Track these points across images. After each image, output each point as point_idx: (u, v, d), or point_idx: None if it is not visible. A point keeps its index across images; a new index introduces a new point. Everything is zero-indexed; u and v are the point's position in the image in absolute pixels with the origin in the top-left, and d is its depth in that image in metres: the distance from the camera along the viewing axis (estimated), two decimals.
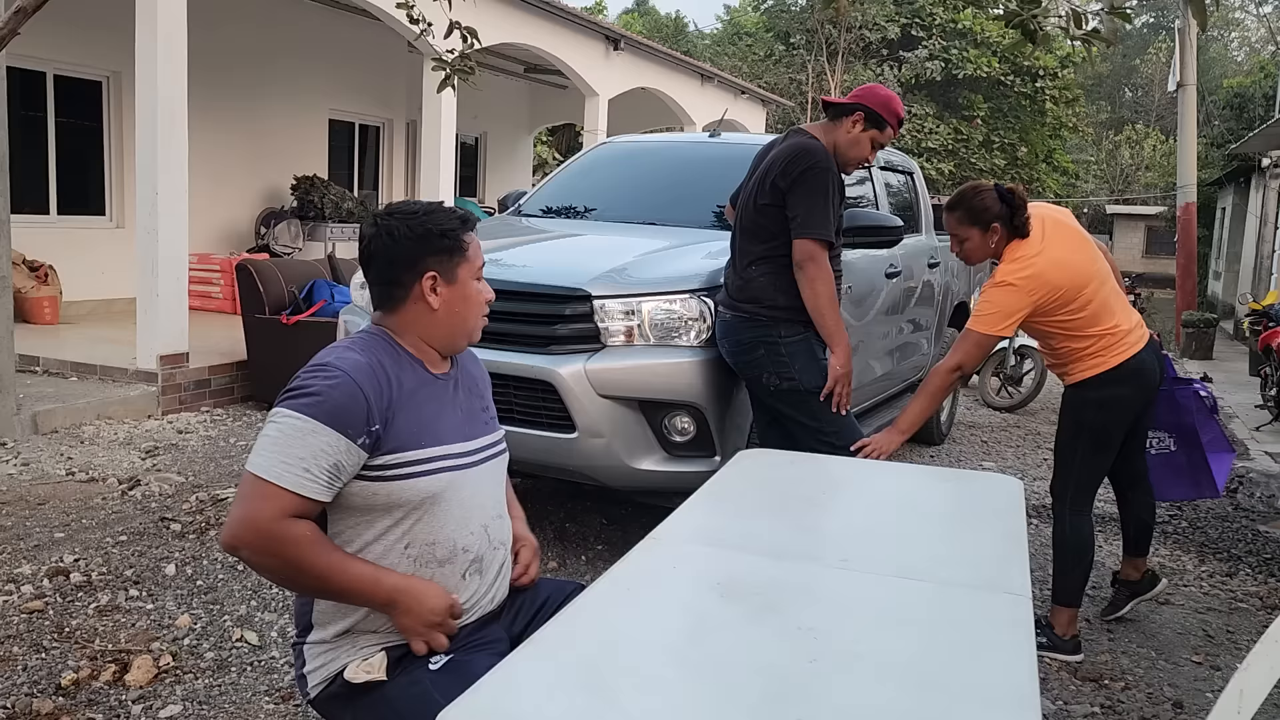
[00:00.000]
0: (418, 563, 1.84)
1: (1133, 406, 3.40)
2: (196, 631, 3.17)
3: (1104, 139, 38.34)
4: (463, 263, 1.90)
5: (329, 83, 11.23)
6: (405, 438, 1.80)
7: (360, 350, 1.83)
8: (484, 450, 1.96)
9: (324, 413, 1.71)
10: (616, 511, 4.60)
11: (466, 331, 1.94)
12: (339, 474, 1.73)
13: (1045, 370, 8.13)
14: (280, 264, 6.89)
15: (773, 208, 3.41)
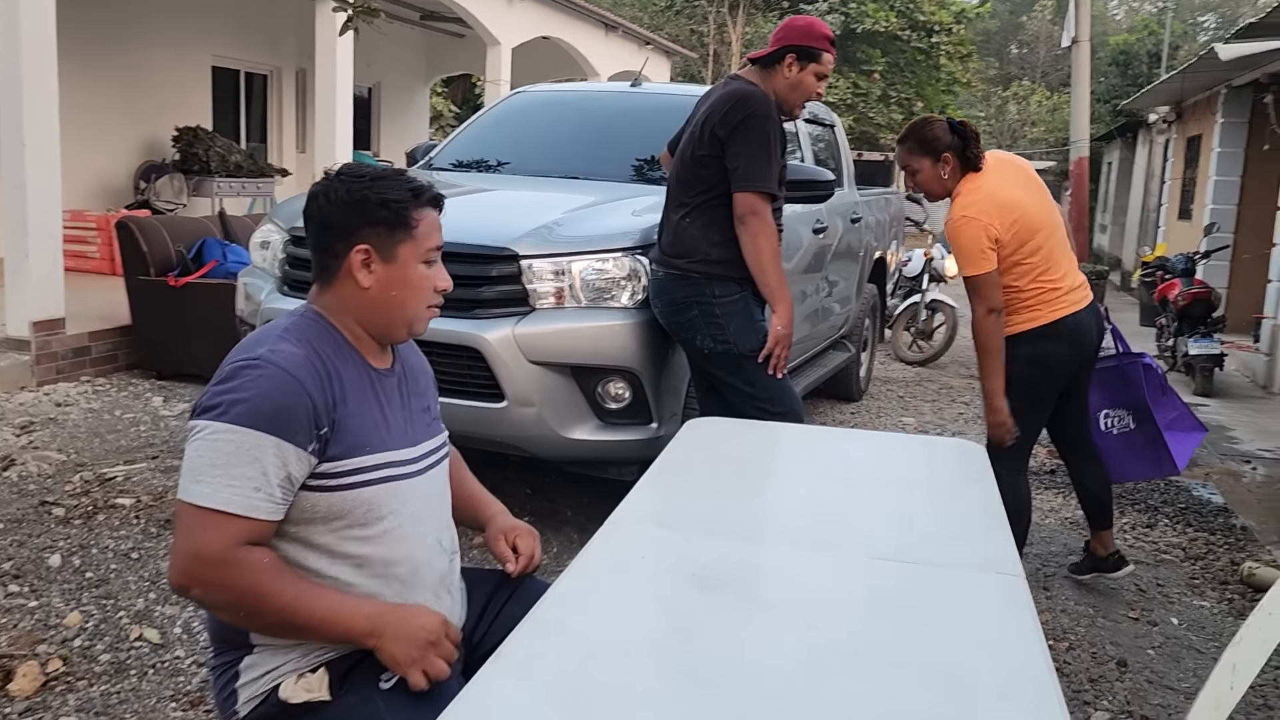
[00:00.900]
0: (379, 584, 1.61)
1: (1066, 366, 3.33)
2: (89, 631, 2.85)
3: (992, 95, 39.19)
4: (406, 240, 1.64)
5: (211, 28, 10.51)
6: (349, 442, 1.57)
7: (294, 339, 1.59)
8: (428, 456, 1.74)
9: (263, 419, 1.47)
10: (541, 480, 4.40)
11: (405, 320, 1.69)
12: (291, 485, 1.51)
13: (956, 324, 8.20)
14: (165, 221, 6.40)
15: (711, 158, 3.21)
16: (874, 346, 6.98)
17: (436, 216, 1.70)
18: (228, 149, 9.71)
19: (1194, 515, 4.74)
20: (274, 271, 3.79)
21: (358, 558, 1.59)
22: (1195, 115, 12.37)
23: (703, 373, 3.42)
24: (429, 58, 15.31)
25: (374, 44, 13.36)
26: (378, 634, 1.51)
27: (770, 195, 3.18)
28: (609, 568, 1.76)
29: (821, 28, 3.30)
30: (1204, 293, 7.97)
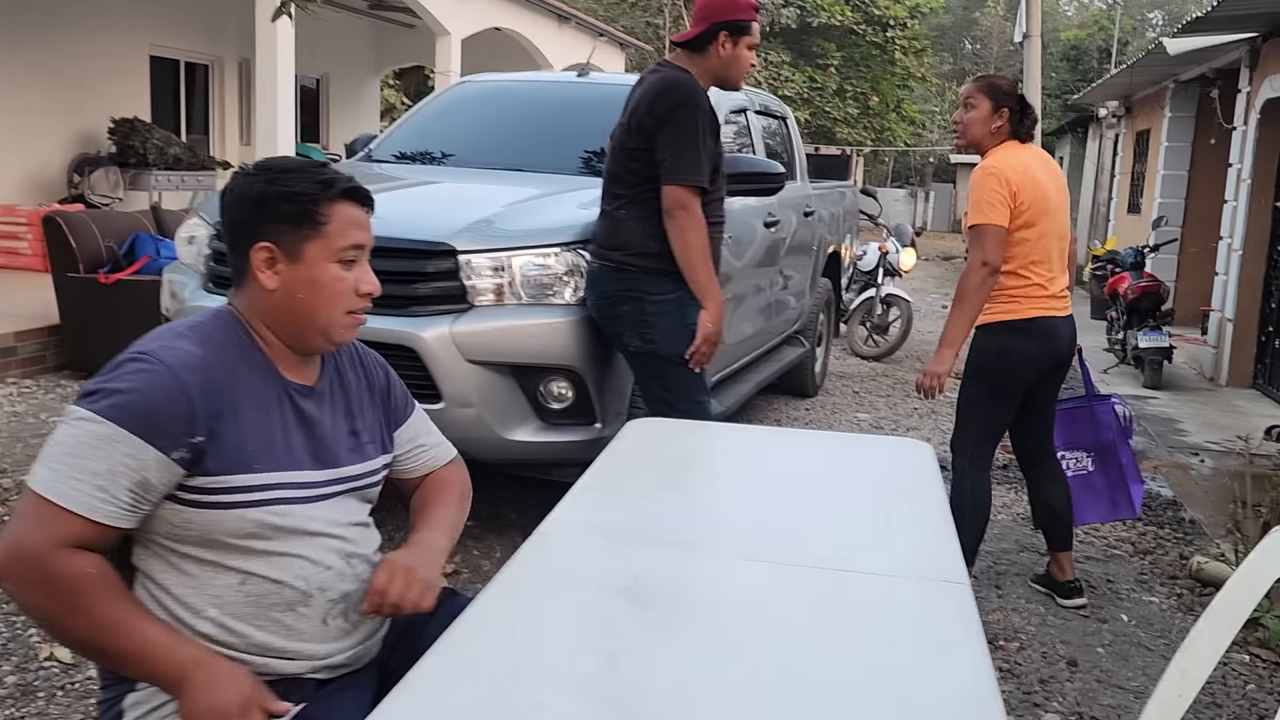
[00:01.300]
0: (260, 605, 1.48)
1: (1034, 365, 3.30)
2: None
3: (947, 90, 39.54)
4: (314, 238, 1.50)
5: (149, 16, 10.20)
6: (232, 457, 1.43)
7: (196, 338, 1.46)
8: (342, 482, 1.58)
9: (130, 416, 1.34)
10: (484, 483, 4.27)
11: (318, 327, 1.53)
12: (146, 494, 1.37)
13: (911, 319, 8.19)
14: (96, 216, 6.17)
15: (641, 150, 3.11)
16: (829, 341, 6.93)
17: (357, 212, 1.56)
18: (166, 141, 9.45)
19: (1144, 509, 4.72)
20: (199, 268, 3.62)
21: (243, 573, 1.47)
22: (1144, 110, 12.50)
23: None
24: (378, 49, 15.05)
25: (321, 34, 13.08)
26: (180, 686, 1.34)
27: (699, 188, 3.07)
28: (534, 582, 1.65)
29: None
30: (1153, 286, 8.03)
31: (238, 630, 1.47)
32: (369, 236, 1.58)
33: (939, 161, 34.72)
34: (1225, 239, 8.24)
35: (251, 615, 1.47)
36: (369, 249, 1.58)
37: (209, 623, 1.46)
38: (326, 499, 1.55)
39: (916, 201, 32.39)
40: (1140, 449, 5.91)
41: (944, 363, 3.23)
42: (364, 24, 14.33)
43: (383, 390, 1.72)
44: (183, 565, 1.46)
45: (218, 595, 1.46)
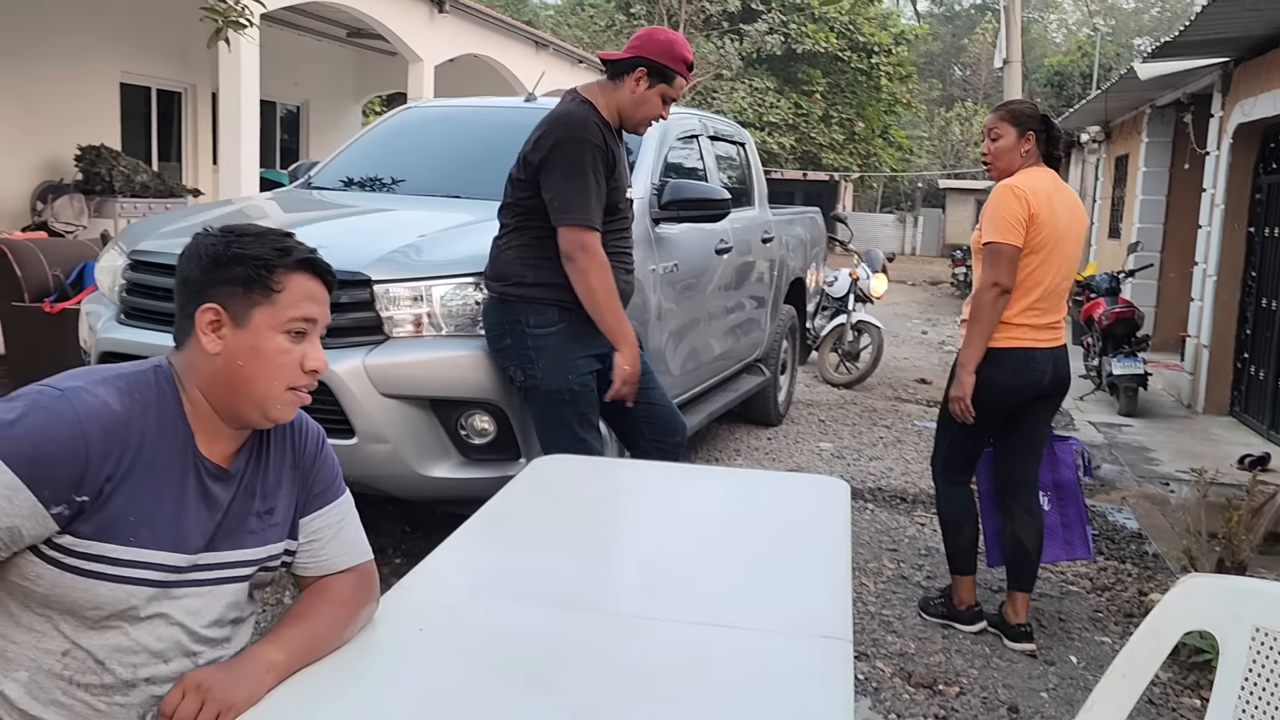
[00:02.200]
0: (74, 682, 1.35)
1: (1005, 397, 3.27)
2: None
3: (935, 115, 39.70)
4: (263, 304, 1.41)
5: (120, 43, 10.13)
6: (110, 525, 1.32)
7: (119, 389, 1.35)
8: (229, 567, 1.46)
9: (19, 457, 1.24)
10: (422, 517, 4.14)
11: (254, 399, 1.43)
12: (12, 542, 1.26)
13: (882, 345, 8.09)
14: (45, 244, 6.06)
15: (525, 181, 3.03)
16: (794, 369, 6.81)
17: (314, 285, 1.46)
18: (133, 169, 9.34)
19: (1106, 542, 4.60)
20: (114, 299, 3.51)
21: (70, 642, 1.35)
22: (1122, 135, 12.47)
23: None
24: (359, 76, 15.02)
25: (303, 62, 13.06)
26: None
27: (591, 228, 2.96)
28: (375, 646, 1.53)
29: (683, 49, 3.11)
30: (1127, 312, 7.93)
31: (41, 701, 1.35)
32: (324, 313, 1.49)
33: (928, 186, 34.80)
34: (1200, 264, 8.16)
35: (61, 690, 1.35)
36: (322, 325, 1.50)
37: (16, 685, 1.34)
38: (203, 584, 1.43)
39: (905, 226, 32.41)
40: (1110, 478, 5.79)
41: (964, 385, 3.22)
42: (345, 51, 14.31)
43: (307, 470, 1.58)
44: (9, 616, 1.34)
45: (34, 659, 1.34)
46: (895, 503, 4.98)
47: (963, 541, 3.46)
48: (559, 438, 3.01)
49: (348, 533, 1.62)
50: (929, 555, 4.22)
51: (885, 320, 9.93)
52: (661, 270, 4.11)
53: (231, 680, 1.34)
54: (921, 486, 5.27)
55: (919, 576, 3.98)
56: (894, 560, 4.15)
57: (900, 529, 4.57)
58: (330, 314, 3.09)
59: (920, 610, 3.60)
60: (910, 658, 3.26)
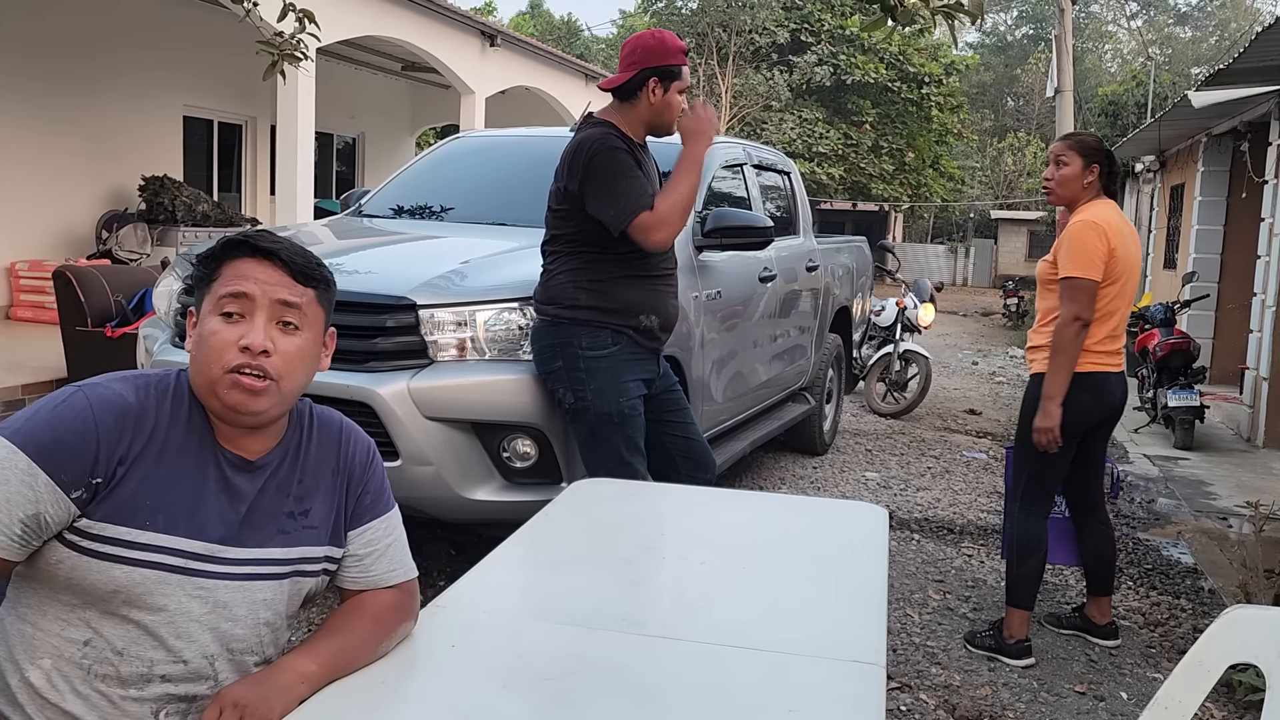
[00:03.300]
0: (93, 673, 1.38)
1: (1086, 419, 3.37)
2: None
3: (988, 146, 39.40)
4: (206, 294, 1.46)
5: (184, 77, 10.48)
6: (124, 508, 1.35)
7: (136, 384, 1.41)
8: (258, 564, 1.47)
9: (37, 444, 1.29)
10: (467, 540, 4.17)
11: (206, 385, 1.43)
12: (39, 528, 1.30)
13: (930, 375, 8.00)
14: (108, 271, 6.26)
15: (570, 211, 3.09)
16: (839, 398, 6.77)
17: (248, 265, 1.45)
18: (194, 198, 9.62)
19: (1160, 577, 4.49)
20: (169, 322, 3.61)
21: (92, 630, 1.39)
22: (1178, 164, 12.27)
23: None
24: (414, 108, 15.34)
25: (360, 96, 13.37)
26: None
27: (646, 209, 2.99)
28: (408, 663, 1.55)
29: (673, 40, 3.14)
30: (1183, 343, 7.76)
31: (60, 691, 1.38)
32: (262, 290, 1.43)
33: (979, 217, 34.47)
34: (1259, 295, 7.98)
35: (79, 679, 1.39)
36: (269, 305, 1.44)
37: (40, 673, 1.39)
38: (232, 579, 1.45)
39: (956, 257, 32.12)
40: (1165, 513, 5.66)
41: (1051, 416, 3.26)
42: (400, 84, 14.64)
43: (354, 479, 1.58)
44: (38, 605, 1.39)
45: (57, 648, 1.39)
46: (942, 534, 4.91)
47: (1028, 572, 3.47)
48: (605, 460, 3.04)
49: (396, 549, 1.63)
50: (976, 587, 4.15)
51: (935, 350, 9.84)
52: (705, 297, 4.12)
53: (266, 695, 1.34)
54: (969, 518, 5.20)
55: (965, 608, 3.91)
56: (940, 591, 4.09)
57: (947, 560, 4.50)
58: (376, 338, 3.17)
59: (966, 642, 3.55)
60: (955, 690, 3.21)
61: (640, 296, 3.13)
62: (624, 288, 3.10)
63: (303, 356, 1.48)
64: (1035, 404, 3.35)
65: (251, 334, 1.42)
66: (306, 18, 4.64)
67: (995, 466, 6.48)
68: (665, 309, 3.21)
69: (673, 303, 3.25)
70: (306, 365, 1.50)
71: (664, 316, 3.20)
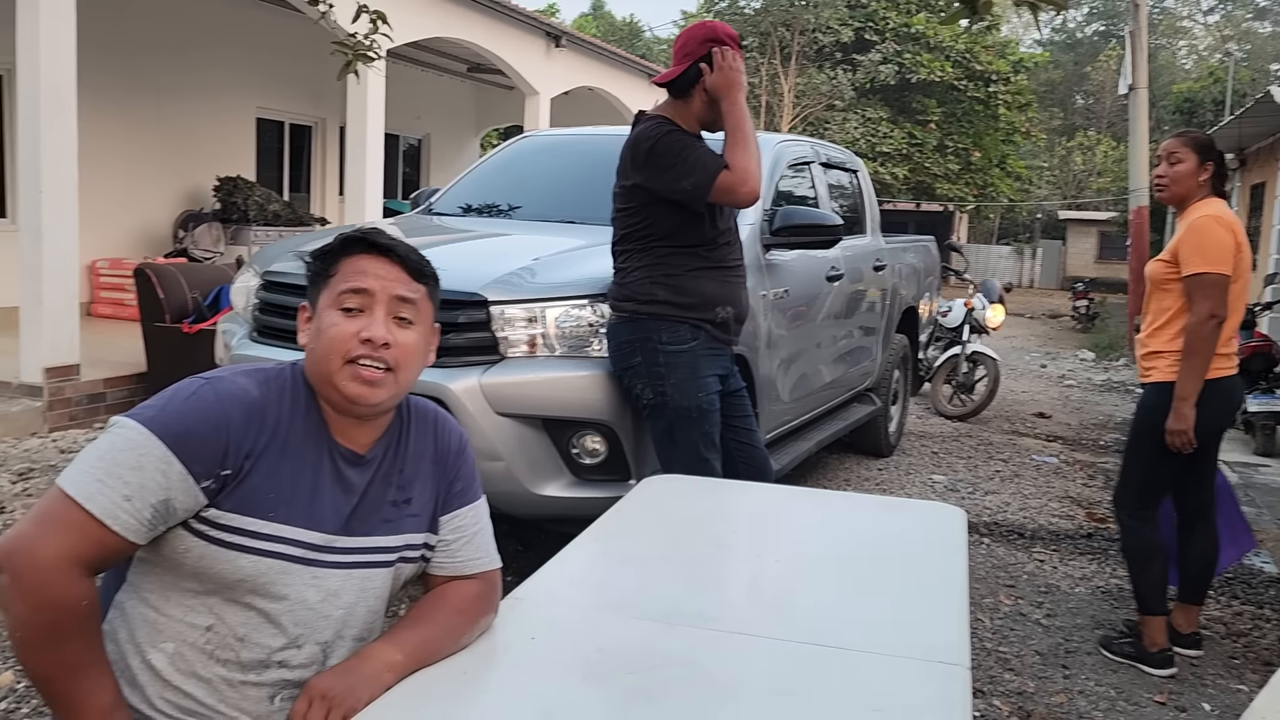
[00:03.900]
0: (214, 657, 1.43)
1: (1211, 423, 3.30)
2: (18, 693, 2.71)
3: (1056, 145, 38.60)
4: (324, 289, 1.49)
5: (257, 79, 10.71)
6: (251, 500, 1.40)
7: (257, 380, 1.45)
8: (366, 552, 1.52)
9: (172, 434, 1.33)
10: (534, 536, 4.19)
11: (324, 377, 1.47)
12: (167, 514, 1.34)
13: (998, 378, 7.86)
14: (185, 269, 6.42)
15: (638, 208, 3.10)
16: (905, 399, 6.68)
17: (369, 261, 1.49)
18: (266, 198, 9.83)
19: (1242, 586, 4.36)
20: (247, 318, 3.69)
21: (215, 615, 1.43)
22: (1258, 162, 11.91)
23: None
24: (478, 109, 15.49)
25: (424, 96, 13.54)
26: None
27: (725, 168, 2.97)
28: (489, 653, 1.56)
29: (724, 29, 3.11)
30: (1265, 346, 7.52)
31: (183, 673, 1.42)
32: (381, 285, 1.48)
33: (1047, 217, 33.78)
34: None
35: (201, 663, 1.42)
36: (388, 300, 1.48)
37: (163, 656, 1.43)
38: (342, 567, 1.49)
39: (1023, 258, 31.52)
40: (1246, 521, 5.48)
41: (1185, 418, 3.20)
42: (465, 86, 14.79)
43: (448, 466, 1.63)
44: (162, 590, 1.43)
45: (181, 632, 1.43)
46: (1012, 538, 4.82)
47: (1153, 578, 3.41)
48: (682, 456, 3.04)
49: (482, 537, 1.67)
50: (1049, 593, 4.06)
51: (1001, 353, 9.66)
52: (772, 296, 4.09)
53: (353, 686, 1.38)
54: (1040, 523, 5.09)
55: (1038, 614, 3.83)
56: (1011, 596, 4.01)
57: (1018, 565, 4.41)
58: (448, 333, 3.20)
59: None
60: (1030, 697, 3.15)
61: (715, 289, 3.12)
62: (699, 281, 3.10)
63: (416, 350, 1.54)
64: (1151, 413, 3.29)
65: (372, 326, 1.46)
66: (379, 18, 4.71)
67: (1067, 471, 6.34)
68: (739, 301, 3.22)
69: (745, 295, 3.26)
70: (419, 358, 1.55)
71: (739, 308, 3.21)
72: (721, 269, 3.13)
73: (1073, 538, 4.87)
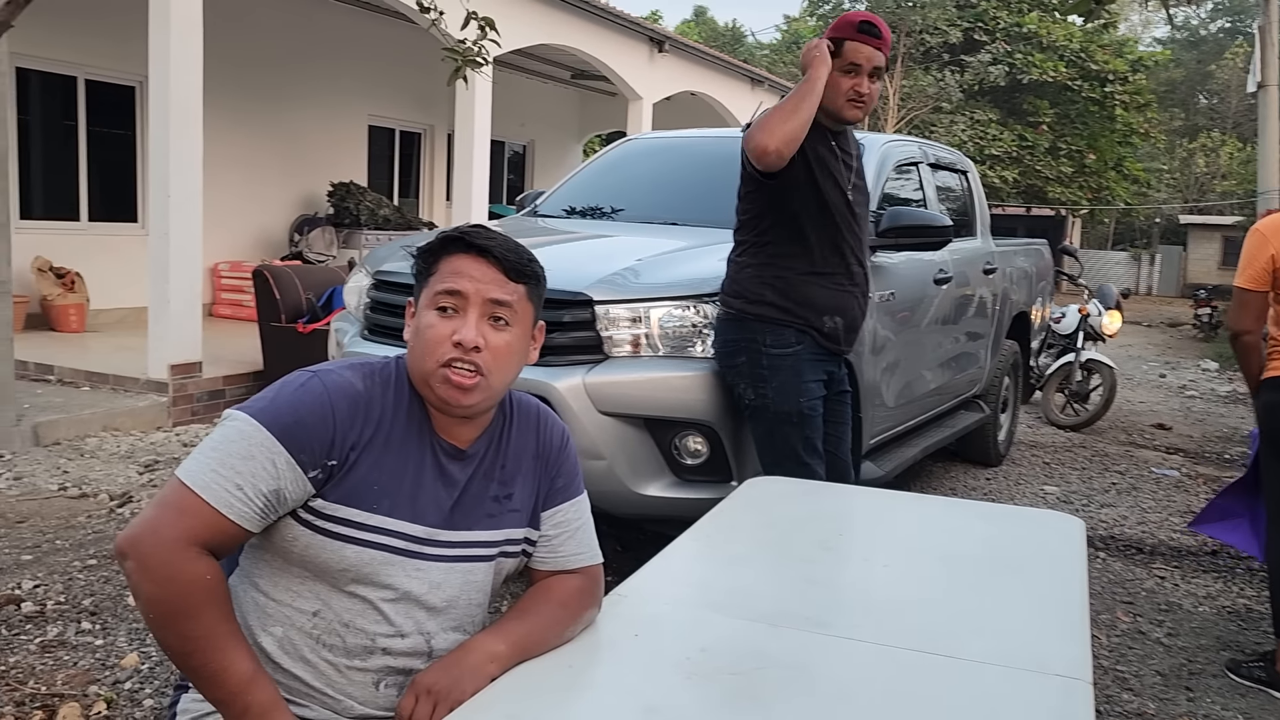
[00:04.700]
0: (321, 642, 1.46)
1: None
2: (142, 674, 2.84)
3: (1177, 147, 37.02)
4: (425, 287, 1.51)
5: (369, 87, 11.05)
6: (356, 491, 1.43)
7: (362, 373, 1.48)
8: (468, 546, 1.54)
9: (281, 425, 1.37)
10: (633, 537, 4.20)
11: (421, 377, 1.49)
12: (278, 503, 1.38)
13: (1114, 386, 7.55)
14: (299, 270, 6.64)
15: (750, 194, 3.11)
16: (1015, 407, 6.48)
17: (466, 262, 1.49)
18: (377, 203, 10.12)
19: None
20: (358, 317, 3.79)
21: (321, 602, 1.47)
22: None
23: None
24: (582, 115, 15.67)
25: (529, 103, 13.76)
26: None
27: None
28: (593, 649, 1.56)
29: (848, 16, 3.05)
30: None
31: (291, 656, 1.47)
32: (475, 287, 1.47)
33: (1166, 222, 32.39)
34: None
35: (308, 648, 1.46)
36: (481, 302, 1.48)
37: (272, 640, 1.47)
38: (444, 560, 1.52)
39: (1140, 264, 30.30)
40: None
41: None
42: (569, 93, 14.98)
43: (550, 462, 1.64)
44: (271, 576, 1.47)
45: (289, 617, 1.47)
46: (1130, 553, 4.62)
47: None
48: (782, 460, 3.00)
49: (584, 532, 1.67)
50: (1170, 611, 3.88)
51: (1118, 361, 9.30)
52: (878, 299, 4.01)
53: (457, 679, 1.40)
54: (1160, 537, 4.87)
55: (1159, 633, 3.66)
56: (1129, 614, 3.84)
57: (1136, 581, 4.23)
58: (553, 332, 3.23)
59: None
60: (1150, 718, 3.00)
61: (825, 297, 3.08)
62: (809, 286, 3.06)
63: (511, 352, 1.51)
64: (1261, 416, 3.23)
65: (464, 330, 1.46)
66: (488, 25, 4.79)
67: (1189, 485, 6.06)
68: (850, 311, 3.15)
69: (860, 305, 3.19)
70: (515, 360, 1.54)
71: (849, 319, 3.15)
72: (834, 275, 3.08)
73: (1196, 554, 4.64)
